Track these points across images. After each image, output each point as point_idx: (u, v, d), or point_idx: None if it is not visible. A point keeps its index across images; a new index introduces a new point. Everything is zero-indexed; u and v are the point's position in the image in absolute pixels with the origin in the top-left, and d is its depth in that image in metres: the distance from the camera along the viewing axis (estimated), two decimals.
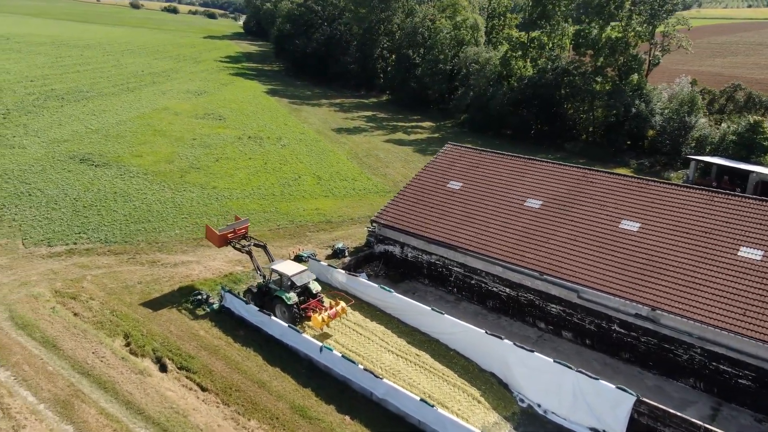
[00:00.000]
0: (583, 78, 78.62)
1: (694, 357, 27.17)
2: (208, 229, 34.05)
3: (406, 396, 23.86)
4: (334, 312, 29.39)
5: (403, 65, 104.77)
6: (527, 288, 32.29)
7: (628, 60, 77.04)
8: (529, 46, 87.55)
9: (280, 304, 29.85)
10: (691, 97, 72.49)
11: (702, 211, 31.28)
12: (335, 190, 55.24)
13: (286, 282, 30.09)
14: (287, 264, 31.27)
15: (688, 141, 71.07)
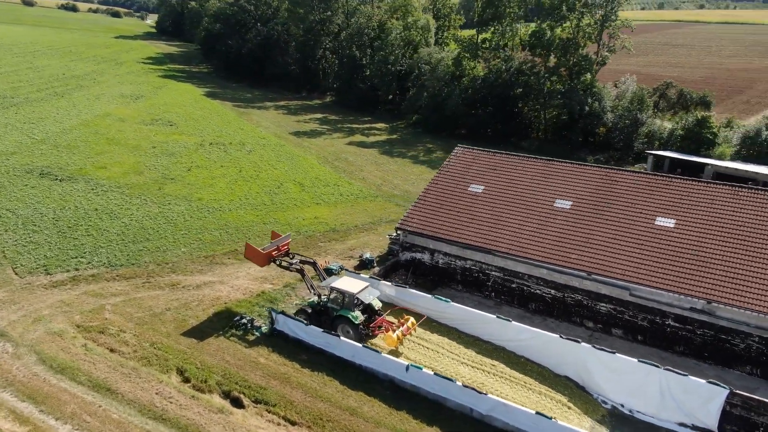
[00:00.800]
0: (537, 78, 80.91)
1: (751, 345, 28.45)
2: (250, 248, 31.72)
3: (517, 410, 23.25)
4: (406, 328, 28.20)
5: (349, 66, 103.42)
6: (574, 288, 32.57)
7: (579, 60, 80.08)
8: (481, 46, 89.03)
9: (344, 323, 28.23)
10: (640, 95, 76.55)
11: (731, 204, 32.80)
12: (323, 196, 53.49)
13: (351, 300, 28.49)
14: (347, 280, 29.67)
15: (640, 136, 74.89)
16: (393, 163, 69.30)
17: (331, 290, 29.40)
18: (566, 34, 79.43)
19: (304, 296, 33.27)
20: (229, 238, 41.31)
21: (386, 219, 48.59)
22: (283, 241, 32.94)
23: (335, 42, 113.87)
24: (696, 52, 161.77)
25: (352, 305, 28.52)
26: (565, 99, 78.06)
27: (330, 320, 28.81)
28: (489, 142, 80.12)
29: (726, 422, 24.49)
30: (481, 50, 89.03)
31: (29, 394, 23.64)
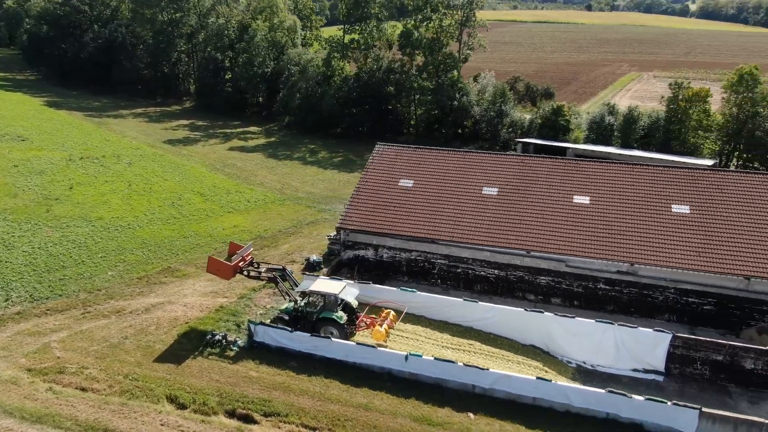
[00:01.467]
0: (407, 76, 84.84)
1: (668, 297, 33.59)
2: (214, 261, 30.21)
3: (519, 379, 25.35)
4: (390, 322, 28.99)
5: (211, 69, 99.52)
6: (516, 266, 35.71)
7: (444, 58, 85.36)
8: (350, 47, 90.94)
9: (328, 325, 28.26)
10: (502, 89, 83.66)
11: (631, 180, 38.10)
12: (231, 204, 51.84)
13: (333, 301, 28.57)
14: (324, 282, 29.63)
15: (504, 126, 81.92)
16: (283, 166, 68.77)
17: (310, 294, 29.22)
18: (431, 34, 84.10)
19: (265, 305, 32.57)
20: (155, 255, 38.69)
21: (305, 221, 48.53)
22: (246, 251, 31.90)
23: (190, 44, 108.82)
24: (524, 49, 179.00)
25: (335, 306, 28.68)
26: (435, 95, 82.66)
27: (310, 324, 28.68)
28: (365, 140, 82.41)
29: (670, 362, 28.86)
30: (350, 50, 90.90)
31: None
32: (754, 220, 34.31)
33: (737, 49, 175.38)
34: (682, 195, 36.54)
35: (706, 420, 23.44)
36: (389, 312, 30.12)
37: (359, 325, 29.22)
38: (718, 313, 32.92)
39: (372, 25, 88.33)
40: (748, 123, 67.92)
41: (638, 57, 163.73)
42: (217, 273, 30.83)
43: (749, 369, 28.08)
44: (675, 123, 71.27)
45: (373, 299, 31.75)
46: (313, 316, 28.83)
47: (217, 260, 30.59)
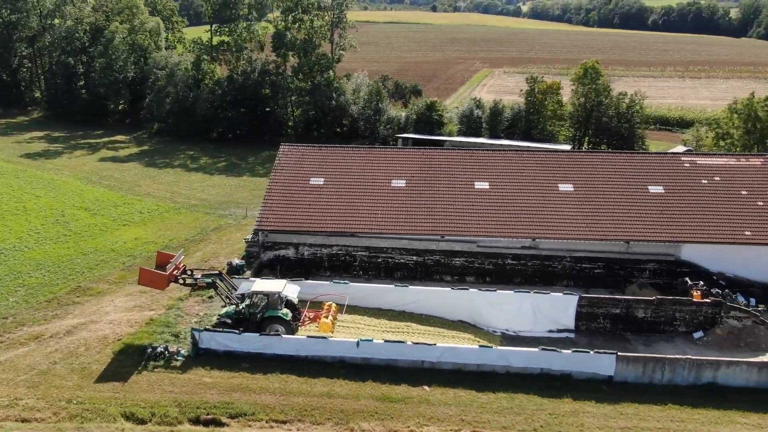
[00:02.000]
0: (282, 78, 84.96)
1: (565, 266, 38.06)
2: (147, 273, 29.00)
3: (465, 350, 27.66)
4: (334, 313, 29.90)
5: (62, 76, 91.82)
6: (432, 251, 38.28)
7: (318, 59, 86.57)
8: (219, 48, 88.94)
9: (273, 323, 28.54)
10: (377, 88, 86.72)
11: (522, 164, 42.33)
12: (124, 217, 49.21)
13: (277, 299, 28.87)
14: (264, 283, 29.73)
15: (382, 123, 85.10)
16: (166, 175, 66.13)
17: (252, 294, 29.23)
18: (303, 35, 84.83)
19: (197, 312, 31.93)
20: (57, 276, 36.00)
21: (209, 228, 47.52)
22: (177, 260, 30.95)
23: (33, 48, 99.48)
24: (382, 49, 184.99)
25: (278, 304, 29.05)
26: (312, 96, 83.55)
27: (255, 324, 28.78)
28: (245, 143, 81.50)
29: (578, 320, 32.99)
30: (219, 53, 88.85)
31: None
32: (628, 192, 39.91)
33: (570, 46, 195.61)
34: (565, 175, 41.40)
35: (621, 362, 27.42)
36: (331, 304, 31.06)
37: (304, 319, 29.85)
38: (606, 275, 37.97)
39: (242, 27, 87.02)
40: (594, 111, 77.08)
41: (488, 54, 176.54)
42: (150, 284, 29.76)
43: (641, 318, 32.99)
44: (534, 114, 78.79)
45: (309, 295, 32.44)
46: (257, 317, 28.96)
47: (150, 271, 29.55)
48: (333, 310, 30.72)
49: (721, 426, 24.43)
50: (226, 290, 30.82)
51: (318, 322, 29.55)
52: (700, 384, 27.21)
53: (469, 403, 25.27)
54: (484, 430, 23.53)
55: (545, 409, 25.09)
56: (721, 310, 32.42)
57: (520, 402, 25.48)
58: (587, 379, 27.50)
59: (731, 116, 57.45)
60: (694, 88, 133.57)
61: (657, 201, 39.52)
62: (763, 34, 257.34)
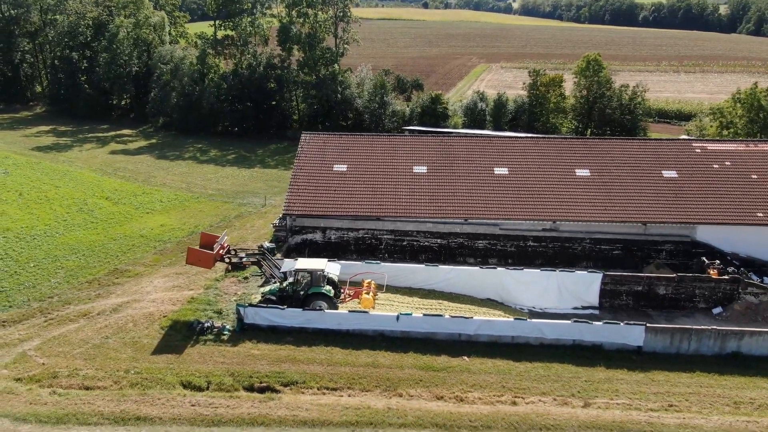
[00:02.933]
0: (288, 71, 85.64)
1: (585, 247, 39.36)
2: (195, 252, 30.18)
3: (500, 322, 28.84)
4: (374, 290, 31.01)
5: (66, 71, 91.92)
6: (456, 234, 39.43)
7: (323, 52, 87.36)
8: (224, 42, 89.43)
9: (318, 300, 29.57)
10: (382, 81, 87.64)
11: (542, 151, 43.59)
12: (147, 205, 49.93)
13: (320, 277, 29.92)
14: (307, 261, 30.75)
15: (387, 116, 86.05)
16: (178, 167, 66.76)
17: (296, 272, 30.21)
18: (307, 29, 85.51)
19: (235, 291, 32.87)
20: (93, 260, 36.81)
21: (231, 216, 48.38)
22: (222, 240, 31.96)
23: (34, 44, 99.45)
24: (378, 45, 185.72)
25: (322, 281, 30.07)
26: (318, 90, 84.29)
27: (299, 301, 29.79)
28: (251, 136, 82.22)
29: (602, 297, 34.29)
30: (224, 47, 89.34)
31: None
32: (642, 177, 41.27)
33: (564, 42, 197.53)
34: (581, 161, 42.69)
35: (650, 333, 28.73)
36: (371, 282, 32.13)
37: (345, 296, 30.91)
38: (624, 256, 39.30)
39: (246, 21, 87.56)
40: (596, 103, 78.52)
41: (484, 50, 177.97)
42: (198, 263, 30.78)
43: (662, 294, 34.35)
44: (537, 106, 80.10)
45: (345, 275, 33.43)
46: (300, 293, 29.96)
47: (198, 250, 30.56)
48: (373, 287, 31.78)
49: (748, 390, 25.77)
50: (270, 269, 31.71)
51: (360, 298, 30.58)
52: (725, 353, 28.59)
53: (508, 372, 26.45)
54: (524, 395, 24.69)
55: (580, 376, 26.32)
56: (739, 286, 33.83)
57: (556, 371, 26.70)
58: (618, 349, 28.79)
59: (735, 105, 59.02)
60: (689, 82, 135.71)
61: (671, 185, 40.91)
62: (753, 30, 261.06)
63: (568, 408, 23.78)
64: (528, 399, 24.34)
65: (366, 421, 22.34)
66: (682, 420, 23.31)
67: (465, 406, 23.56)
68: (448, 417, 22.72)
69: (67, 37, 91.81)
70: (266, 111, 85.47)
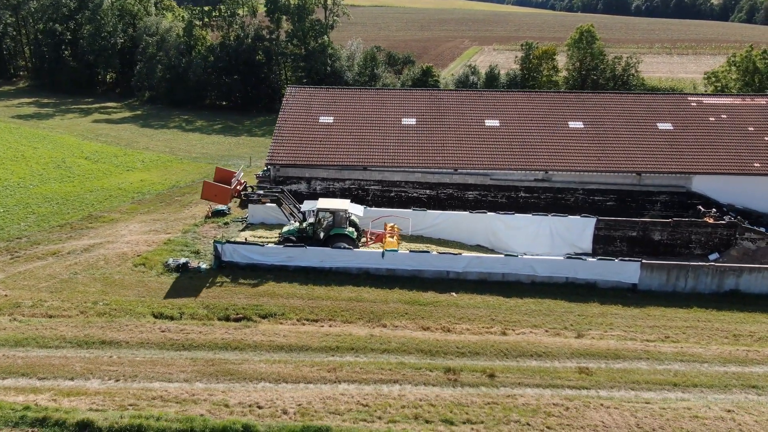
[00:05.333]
0: (276, 43, 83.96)
1: (578, 198, 38.19)
2: (210, 186, 29.33)
3: (490, 258, 27.63)
4: (396, 233, 29.87)
5: (49, 44, 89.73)
6: (446, 184, 38.16)
7: (313, 24, 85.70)
8: (212, 14, 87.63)
9: (340, 241, 28.38)
10: (372, 53, 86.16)
11: (534, 104, 42.34)
12: (127, 164, 48.43)
13: (342, 217, 28.82)
14: (328, 201, 29.74)
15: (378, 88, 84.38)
16: (163, 134, 65.20)
17: (317, 212, 28.98)
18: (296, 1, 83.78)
19: (214, 235, 31.46)
20: (67, 208, 35.32)
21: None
22: (239, 176, 31.38)
23: (17, 16, 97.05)
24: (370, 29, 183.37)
25: (344, 221, 28.76)
26: (307, 62, 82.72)
27: (320, 241, 28.58)
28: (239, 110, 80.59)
29: (595, 243, 33.14)
30: (211, 18, 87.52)
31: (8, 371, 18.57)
32: (637, 129, 40.14)
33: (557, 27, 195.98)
34: (574, 114, 41.49)
35: (645, 270, 27.61)
36: (393, 225, 30.99)
37: (368, 239, 29.58)
38: (618, 208, 38.14)
39: None
40: (589, 75, 77.39)
41: (476, 34, 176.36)
42: (214, 198, 30.14)
43: (657, 240, 33.26)
44: (529, 80, 78.88)
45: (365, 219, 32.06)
46: (320, 234, 28.65)
47: (214, 184, 29.56)
48: (396, 231, 30.47)
49: (747, 324, 24.72)
50: (289, 208, 30.40)
51: (383, 241, 29.22)
52: (723, 291, 27.52)
53: (498, 306, 25.27)
54: (515, 327, 23.51)
55: (573, 311, 25.18)
56: (736, 231, 32.78)
57: (548, 306, 25.54)
58: (612, 287, 27.66)
59: (729, 69, 58.02)
60: (682, 63, 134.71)
61: (666, 136, 39.83)
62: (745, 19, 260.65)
63: (561, 338, 22.61)
64: (519, 330, 23.15)
65: (347, 346, 21.06)
66: (679, 349, 22.19)
67: (452, 336, 22.34)
68: (434, 344, 21.50)
69: (51, 9, 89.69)
70: (254, 84, 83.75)
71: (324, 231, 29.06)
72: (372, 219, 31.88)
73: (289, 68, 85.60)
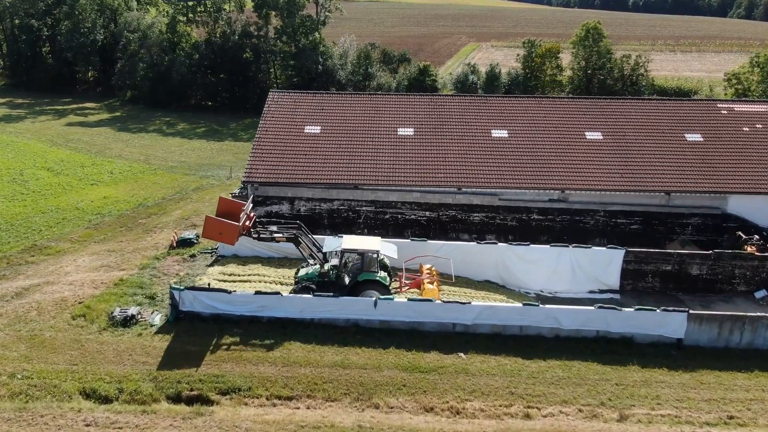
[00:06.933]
0: (265, 40, 79.13)
1: (598, 220, 33.48)
2: (214, 223, 22.99)
3: (505, 308, 22.83)
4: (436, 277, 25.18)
5: (26, 40, 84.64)
6: (448, 205, 33.37)
7: (303, 20, 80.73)
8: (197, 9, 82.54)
9: (370, 288, 23.55)
10: (366, 51, 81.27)
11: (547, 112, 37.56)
12: (92, 177, 43.49)
13: (372, 259, 23.81)
14: (355, 239, 24.75)
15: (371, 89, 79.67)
16: (140, 139, 60.26)
17: (343, 254, 24.03)
18: None
19: (177, 272, 26.63)
20: (8, 235, 30.49)
21: (190, 188, 42.10)
22: (248, 208, 25.04)
23: None
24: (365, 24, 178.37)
25: (374, 265, 23.90)
26: (297, 60, 78.07)
27: (344, 289, 23.71)
28: (226, 110, 75.72)
29: (624, 278, 28.46)
30: (196, 13, 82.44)
31: None
32: (663, 141, 35.44)
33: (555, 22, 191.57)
34: (591, 123, 36.76)
35: (693, 322, 22.93)
36: (431, 267, 26.15)
37: (402, 285, 24.80)
38: (644, 232, 33.46)
39: None
40: (596, 75, 72.71)
41: (473, 30, 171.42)
42: (218, 237, 23.91)
43: (695, 275, 28.61)
44: (531, 79, 74.22)
45: None
46: (346, 280, 23.85)
47: (220, 220, 23.13)
48: (435, 275, 25.64)
49: None
50: (308, 248, 25.15)
51: (421, 288, 24.42)
52: None
53: (517, 373, 20.57)
54: (540, 404, 18.83)
55: (610, 379, 20.51)
56: None
57: (578, 371, 20.85)
58: (652, 342, 22.97)
59: (752, 70, 53.37)
60: (685, 61, 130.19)
61: (696, 149, 35.13)
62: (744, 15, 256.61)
63: (600, 422, 17.96)
64: (545, 410, 18.49)
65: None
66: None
67: (463, 422, 17.63)
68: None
69: (27, 3, 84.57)
70: (242, 83, 78.83)
71: (350, 276, 24.09)
72: (405, 260, 26.78)
73: (279, 67, 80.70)
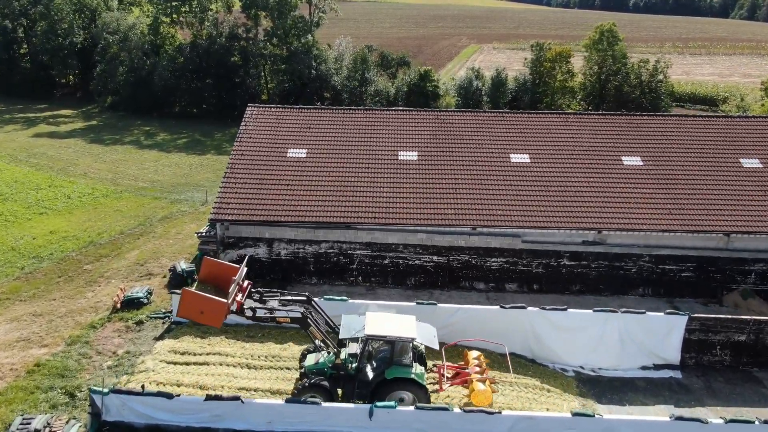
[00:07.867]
0: (254, 43, 73.67)
1: (642, 266, 27.69)
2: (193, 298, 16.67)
3: (548, 419, 16.91)
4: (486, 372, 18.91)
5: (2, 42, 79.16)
6: (460, 248, 27.55)
7: (295, 22, 75.18)
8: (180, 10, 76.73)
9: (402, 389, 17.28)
10: (363, 55, 75.57)
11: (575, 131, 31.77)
12: (44, 203, 37.67)
13: (405, 348, 17.42)
14: (382, 319, 18.00)
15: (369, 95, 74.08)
16: (113, 152, 54.54)
17: (367, 341, 17.60)
18: None
19: (115, 350, 20.66)
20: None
21: (156, 217, 36.18)
22: (242, 275, 18.55)
23: None
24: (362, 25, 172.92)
25: (407, 355, 17.67)
26: (289, 64, 72.62)
27: (367, 387, 17.48)
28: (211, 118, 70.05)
29: (685, 351, 22.64)
30: (182, 14, 76.68)
31: None
32: (716, 168, 29.70)
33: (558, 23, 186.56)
34: (628, 145, 31.07)
35: None
36: (479, 356, 19.67)
37: (442, 381, 18.39)
38: (697, 280, 27.72)
39: None
40: (610, 81, 67.26)
41: (474, 31, 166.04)
42: (199, 317, 17.15)
43: None
44: (540, 85, 68.89)
45: None
46: (370, 374, 17.70)
47: (201, 296, 16.88)
48: (485, 367, 19.20)
49: None
50: (320, 331, 18.28)
51: (469, 387, 18.18)
52: None
53: None
54: None
55: None
56: None
57: None
58: None
59: None
60: (696, 64, 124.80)
61: (756, 179, 29.37)
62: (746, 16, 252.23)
63: None
64: None
65: None
66: None
67: None
68: None
69: (1, 4, 79.06)
70: (229, 88, 73.22)
71: (375, 369, 17.87)
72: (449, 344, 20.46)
73: (269, 71, 75.15)
